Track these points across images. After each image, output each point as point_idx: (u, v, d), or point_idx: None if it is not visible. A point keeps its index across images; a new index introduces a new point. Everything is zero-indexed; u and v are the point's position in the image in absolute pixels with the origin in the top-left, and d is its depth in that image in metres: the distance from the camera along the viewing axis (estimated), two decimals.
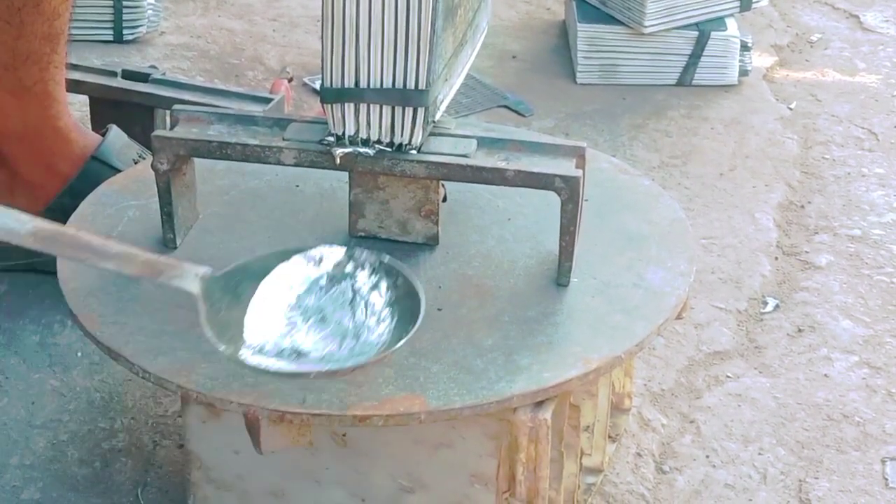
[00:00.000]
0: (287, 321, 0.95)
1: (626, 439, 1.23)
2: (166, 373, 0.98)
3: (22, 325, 1.32)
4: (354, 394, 0.95)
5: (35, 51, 1.33)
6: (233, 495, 1.08)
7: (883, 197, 1.60)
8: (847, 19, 2.01)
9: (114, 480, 1.16)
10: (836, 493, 1.19)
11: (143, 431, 1.21)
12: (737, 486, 1.20)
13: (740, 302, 1.42)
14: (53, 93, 1.36)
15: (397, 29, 1.04)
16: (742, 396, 1.30)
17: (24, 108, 1.35)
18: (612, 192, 1.19)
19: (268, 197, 1.16)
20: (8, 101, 1.34)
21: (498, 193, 1.16)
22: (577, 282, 1.07)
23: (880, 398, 1.30)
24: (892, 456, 1.23)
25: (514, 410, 0.97)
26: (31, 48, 1.32)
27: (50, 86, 1.35)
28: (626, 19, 1.77)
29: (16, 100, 1.34)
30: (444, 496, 1.03)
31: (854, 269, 1.48)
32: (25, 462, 1.17)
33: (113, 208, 1.16)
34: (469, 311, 1.03)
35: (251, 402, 0.95)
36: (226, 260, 1.06)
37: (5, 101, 1.34)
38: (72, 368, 1.28)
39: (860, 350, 1.36)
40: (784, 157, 1.67)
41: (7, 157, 1.36)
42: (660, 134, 1.69)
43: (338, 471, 1.04)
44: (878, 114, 1.77)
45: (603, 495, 1.17)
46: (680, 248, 1.12)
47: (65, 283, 1.07)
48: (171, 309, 1.03)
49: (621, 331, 1.02)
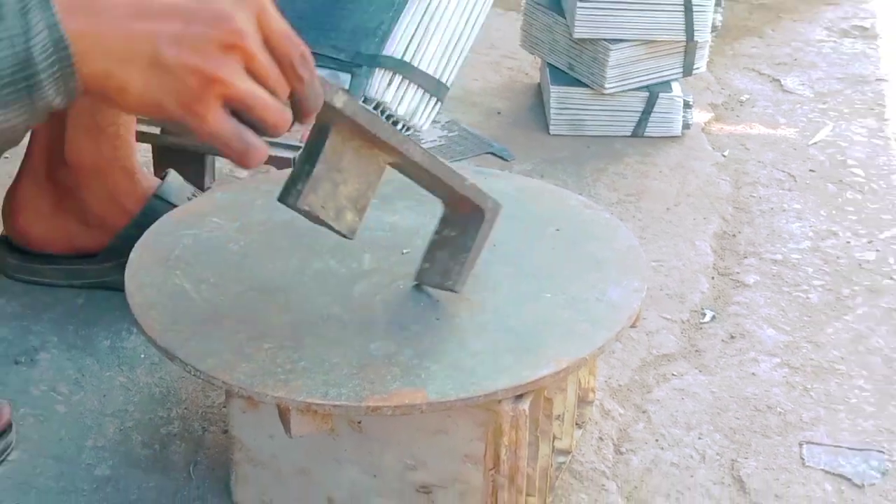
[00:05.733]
0: None
1: (590, 426, 1.23)
2: (213, 371, 0.97)
3: (95, 332, 1.32)
4: (368, 388, 0.95)
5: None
6: (268, 472, 1.08)
7: (800, 228, 1.60)
8: (770, 83, 2.02)
9: (170, 460, 1.16)
10: (762, 470, 1.19)
11: (194, 419, 1.21)
12: (680, 464, 1.20)
13: (683, 313, 1.42)
14: (124, 136, 1.35)
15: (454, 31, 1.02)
16: (685, 391, 1.30)
17: (97, 147, 1.34)
18: (578, 224, 1.19)
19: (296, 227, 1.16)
20: (84, 140, 1.33)
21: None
22: (549, 297, 1.07)
23: (798, 393, 1.30)
24: (808, 440, 1.23)
25: (499, 402, 0.97)
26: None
27: (121, 129, 1.34)
28: (590, 82, 1.78)
29: (91, 139, 1.33)
30: (442, 473, 1.03)
31: (776, 286, 1.48)
32: (98, 444, 1.17)
33: (170, 237, 1.16)
34: (461, 321, 1.03)
35: (283, 395, 0.95)
36: (263, 276, 1.08)
37: (82, 139, 1.33)
38: (136, 367, 1.28)
39: (781, 353, 1.36)
40: (719, 195, 1.67)
41: (81, 191, 1.36)
42: (618, 176, 1.69)
43: (354, 452, 1.04)
44: (795, 160, 1.77)
45: (571, 472, 1.17)
46: (634, 269, 1.12)
47: (131, 297, 1.06)
48: (216, 319, 1.03)
49: (586, 337, 1.02)
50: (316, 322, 1.02)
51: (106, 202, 1.36)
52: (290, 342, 1.00)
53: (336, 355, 0.98)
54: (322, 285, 1.07)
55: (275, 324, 1.02)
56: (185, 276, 1.09)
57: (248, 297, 1.06)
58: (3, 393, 1.21)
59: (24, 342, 1.30)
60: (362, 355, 0.98)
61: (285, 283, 1.08)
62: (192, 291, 1.07)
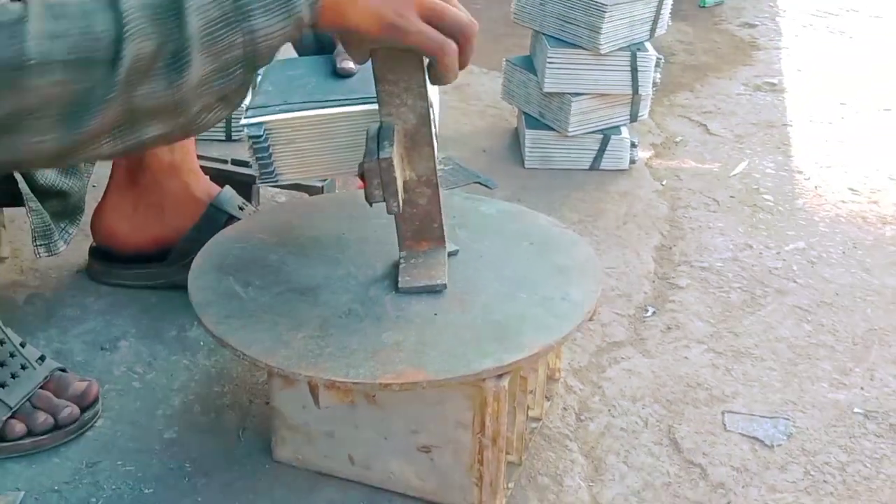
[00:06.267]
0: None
1: (556, 399, 1.23)
2: (258, 356, 0.98)
3: (164, 324, 1.32)
4: (380, 369, 0.95)
5: None
6: (301, 436, 1.08)
7: (723, 242, 1.60)
8: (699, 127, 2.02)
9: (224, 426, 1.16)
10: (692, 433, 1.19)
11: (243, 393, 1.21)
12: (628, 429, 1.20)
13: (630, 309, 1.42)
14: (189, 145, 1.34)
15: None
16: (631, 371, 1.30)
17: (171, 153, 1.32)
18: (547, 240, 1.19)
19: (323, 241, 1.16)
20: (163, 150, 1.31)
21: (475, 239, 1.16)
22: (524, 296, 1.07)
23: (721, 373, 1.30)
24: (729, 410, 1.23)
25: (484, 380, 0.97)
26: None
27: (189, 141, 1.34)
28: (557, 126, 1.77)
29: (167, 148, 1.32)
30: (439, 436, 1.03)
31: (704, 288, 1.48)
32: (166, 413, 1.17)
33: (224, 249, 1.16)
34: (455, 316, 1.03)
35: (313, 374, 0.95)
36: (297, 280, 1.08)
37: (161, 150, 1.31)
38: (197, 352, 1.27)
39: (707, 341, 1.36)
40: (658, 216, 1.67)
41: (158, 189, 1.33)
42: (578, 201, 1.69)
43: (369, 419, 1.04)
44: (719, 188, 1.77)
45: (542, 435, 1.17)
46: (591, 275, 1.12)
47: (192, 297, 1.07)
48: (260, 314, 1.03)
49: (554, 329, 1.02)
50: (339, 317, 1.03)
51: (179, 196, 1.34)
52: (318, 332, 1.00)
53: (355, 343, 0.99)
54: (344, 287, 1.07)
55: (306, 318, 1.02)
56: (235, 280, 1.09)
57: (285, 297, 1.06)
58: (92, 373, 1.21)
59: (108, 333, 1.30)
60: (376, 343, 0.99)
61: (315, 285, 1.08)
62: (241, 292, 1.07)
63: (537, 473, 1.12)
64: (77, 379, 1.16)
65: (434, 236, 1.07)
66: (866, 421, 1.22)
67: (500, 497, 1.05)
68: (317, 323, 1.02)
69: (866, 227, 1.66)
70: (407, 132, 0.99)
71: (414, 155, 1.00)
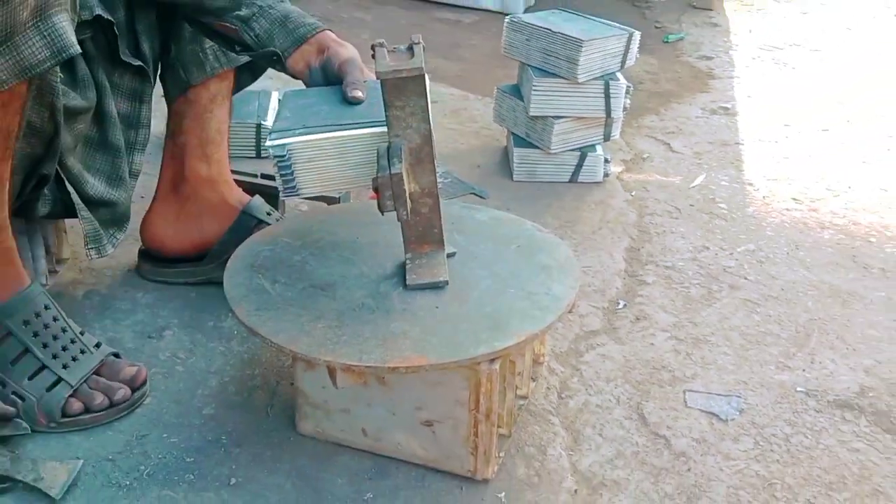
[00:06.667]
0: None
1: (540, 380, 1.22)
2: (284, 343, 0.98)
3: (203, 316, 1.31)
4: (389, 355, 0.95)
5: (212, 138, 1.32)
6: (321, 411, 1.07)
7: (683, 244, 1.60)
8: (663, 145, 2.01)
9: (254, 404, 1.15)
10: (658, 409, 1.19)
11: (271, 375, 1.20)
12: (603, 406, 1.19)
13: (604, 303, 1.42)
14: (223, 160, 1.34)
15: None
16: (605, 356, 1.29)
17: (209, 167, 1.33)
18: (532, 242, 1.18)
19: (340, 246, 1.16)
20: (199, 164, 1.32)
21: (470, 242, 1.15)
22: (513, 292, 1.06)
23: (682, 357, 1.30)
24: (689, 389, 1.23)
25: (479, 364, 0.97)
26: (209, 136, 1.32)
27: (223, 157, 1.34)
28: (541, 145, 1.77)
29: (204, 162, 1.32)
30: (440, 412, 1.02)
31: (667, 284, 1.47)
32: (205, 393, 1.17)
33: (254, 251, 1.15)
34: (453, 309, 1.03)
35: (331, 359, 0.95)
36: (317, 278, 1.07)
37: (198, 163, 1.32)
38: (231, 340, 1.27)
39: (671, 330, 1.36)
40: (628, 222, 1.66)
41: (198, 198, 1.33)
42: (559, 209, 1.69)
43: (380, 397, 1.04)
44: (680, 198, 1.77)
45: (528, 411, 1.17)
46: (570, 273, 1.11)
47: (227, 292, 1.06)
48: (285, 307, 1.03)
49: (538, 319, 1.02)
50: (354, 309, 1.02)
51: (215, 204, 1.34)
52: (336, 323, 1.00)
53: (367, 332, 0.98)
54: (358, 284, 1.07)
55: (325, 310, 1.02)
56: (264, 278, 1.08)
57: (307, 293, 1.06)
58: (140, 358, 1.21)
59: (154, 323, 1.29)
60: (385, 332, 0.98)
61: (333, 282, 1.07)
62: (269, 288, 1.07)
63: (524, 444, 1.11)
64: (128, 364, 1.15)
65: (435, 240, 1.07)
66: (807, 398, 1.22)
67: (493, 465, 1.05)
68: (334, 315, 1.01)
69: (807, 232, 1.65)
70: (412, 150, 1.00)
71: (418, 170, 1.01)
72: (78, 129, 1.14)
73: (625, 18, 2.60)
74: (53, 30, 0.90)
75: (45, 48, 0.90)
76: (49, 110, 1.03)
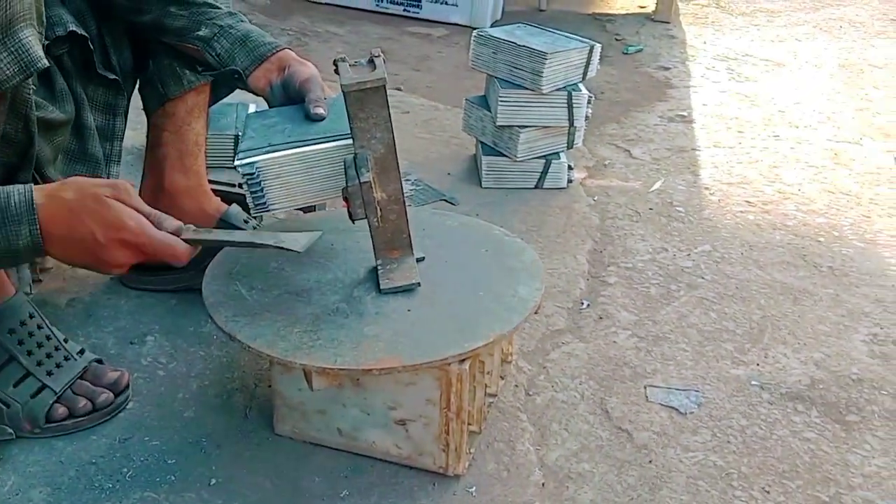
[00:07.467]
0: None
1: (509, 378, 1.23)
2: (261, 347, 0.97)
3: (184, 322, 1.31)
4: (363, 357, 0.95)
5: (190, 150, 1.31)
6: (297, 413, 1.07)
7: (644, 247, 1.61)
8: (624, 152, 2.02)
9: (233, 406, 1.15)
10: (621, 405, 1.20)
11: (249, 378, 1.20)
12: (568, 402, 1.20)
13: (569, 303, 1.42)
14: (200, 171, 1.33)
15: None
16: (570, 353, 1.30)
17: (187, 179, 1.32)
18: (500, 246, 1.18)
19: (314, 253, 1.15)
20: (178, 175, 1.31)
21: (441, 247, 1.15)
22: (482, 294, 1.06)
23: (643, 353, 1.31)
24: (650, 384, 1.24)
25: (449, 364, 0.97)
26: (188, 148, 1.31)
27: (201, 168, 1.33)
28: (508, 153, 1.78)
29: (183, 174, 1.32)
30: (412, 411, 1.02)
31: (629, 284, 1.48)
32: (185, 396, 1.16)
33: (231, 258, 1.15)
34: (424, 311, 1.03)
35: (307, 362, 0.95)
36: (293, 284, 1.07)
37: (177, 175, 1.31)
38: (211, 345, 1.26)
39: (632, 328, 1.36)
40: (591, 226, 1.67)
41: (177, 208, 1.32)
42: (526, 214, 1.69)
43: (354, 398, 1.04)
44: (640, 202, 1.78)
45: (497, 409, 1.17)
46: (536, 275, 1.12)
47: (206, 299, 1.06)
48: (262, 313, 1.03)
49: (506, 320, 1.02)
50: (329, 314, 1.02)
51: (194, 213, 1.32)
52: (311, 327, 1.00)
53: (342, 336, 0.98)
54: (333, 289, 1.07)
55: (301, 315, 1.02)
56: (241, 285, 1.08)
57: (283, 298, 1.06)
58: (123, 363, 1.20)
59: (136, 330, 1.28)
60: (359, 335, 0.98)
61: (308, 288, 1.07)
62: (246, 294, 1.06)
63: (494, 440, 1.12)
64: (111, 369, 1.15)
65: (403, 244, 1.07)
66: (762, 391, 1.23)
67: (464, 461, 1.05)
68: (310, 319, 1.01)
69: (760, 233, 1.67)
70: (377, 160, 1.00)
71: (384, 178, 1.01)
72: (57, 142, 1.14)
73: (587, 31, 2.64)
74: (20, 45, 0.90)
75: (13, 63, 0.90)
76: (23, 121, 1.02)
